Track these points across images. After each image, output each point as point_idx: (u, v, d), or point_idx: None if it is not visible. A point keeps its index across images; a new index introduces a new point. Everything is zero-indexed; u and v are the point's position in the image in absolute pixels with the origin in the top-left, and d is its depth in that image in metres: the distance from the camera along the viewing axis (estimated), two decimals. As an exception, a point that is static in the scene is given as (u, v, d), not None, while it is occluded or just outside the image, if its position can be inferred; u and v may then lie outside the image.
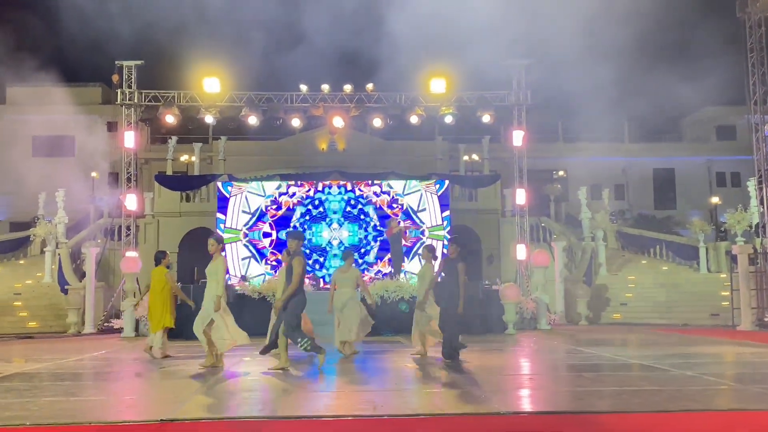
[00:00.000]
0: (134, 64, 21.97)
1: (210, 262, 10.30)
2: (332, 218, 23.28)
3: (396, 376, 9.40)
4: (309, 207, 23.27)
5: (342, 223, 23.26)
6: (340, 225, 23.24)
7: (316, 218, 23.26)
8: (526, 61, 22.66)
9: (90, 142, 36.29)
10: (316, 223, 23.23)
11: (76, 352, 13.43)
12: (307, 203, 23.30)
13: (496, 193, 27.53)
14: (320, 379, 9.18)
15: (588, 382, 8.65)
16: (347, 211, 23.36)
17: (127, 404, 7.68)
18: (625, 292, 23.81)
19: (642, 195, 38.15)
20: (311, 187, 23.50)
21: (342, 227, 23.23)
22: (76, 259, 23.69)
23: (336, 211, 23.30)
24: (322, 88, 22.29)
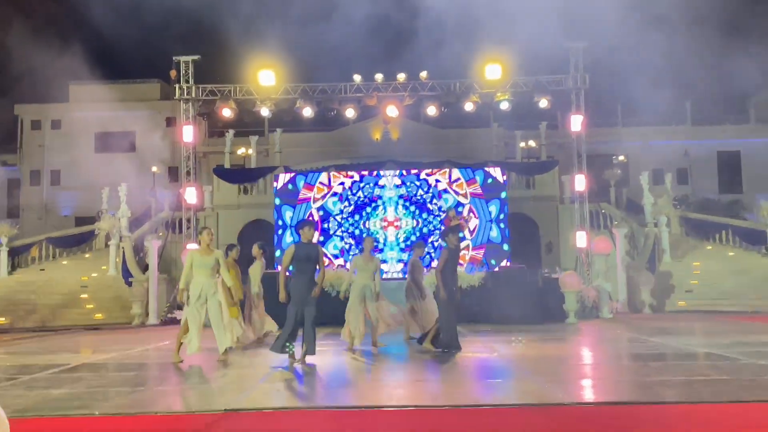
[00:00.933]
0: (191, 59, 22.27)
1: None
2: (386, 208, 23.22)
3: (454, 367, 9.31)
4: (362, 197, 23.26)
5: (395, 212, 23.19)
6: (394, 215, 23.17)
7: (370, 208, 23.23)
8: (583, 44, 22.11)
9: (150, 138, 37.23)
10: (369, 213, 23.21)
11: (141, 343, 13.74)
12: (361, 193, 23.28)
13: (554, 179, 27.06)
14: (381, 369, 9.15)
15: (654, 372, 8.40)
16: (401, 200, 23.28)
17: (191, 394, 7.80)
18: (690, 278, 23.14)
19: (706, 179, 36.98)
20: (365, 176, 23.47)
21: (396, 217, 23.16)
22: (139, 252, 24.24)
23: (390, 200, 23.24)
24: (375, 77, 22.20)
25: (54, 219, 36.90)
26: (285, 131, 32.12)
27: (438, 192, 23.32)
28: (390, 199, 23.30)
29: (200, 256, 10.03)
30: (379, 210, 23.22)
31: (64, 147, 37.56)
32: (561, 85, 22.23)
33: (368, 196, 23.31)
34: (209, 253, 10.10)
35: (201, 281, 9.92)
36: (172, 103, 29.07)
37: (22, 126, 39.00)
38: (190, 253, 10.26)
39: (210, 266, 9.99)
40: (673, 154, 35.78)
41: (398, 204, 23.25)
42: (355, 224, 23.13)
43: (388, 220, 23.15)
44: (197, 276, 9.95)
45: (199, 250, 10.17)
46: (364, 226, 23.05)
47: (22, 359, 11.10)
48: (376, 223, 23.18)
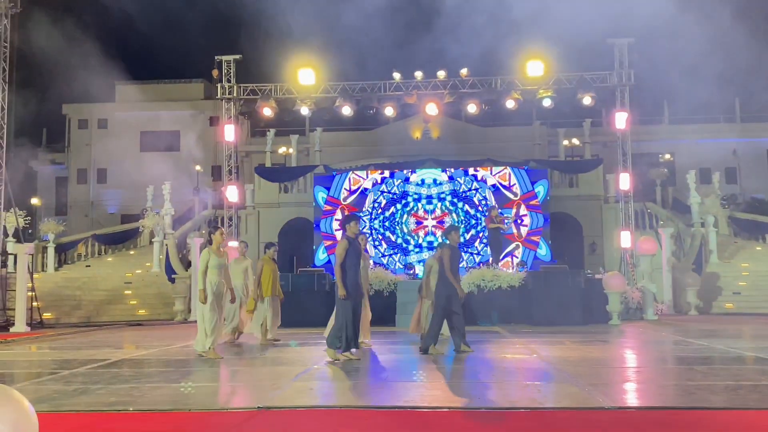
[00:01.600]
0: (233, 59, 22.45)
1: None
2: (426, 206, 23.07)
3: (493, 368, 9.15)
4: (402, 194, 23.15)
5: (437, 210, 23.02)
6: (435, 211, 23.01)
7: (409, 205, 23.11)
8: (628, 40, 21.65)
9: (194, 137, 37.76)
10: (409, 211, 23.09)
11: (182, 339, 13.85)
12: (401, 191, 23.18)
13: (598, 178, 26.60)
14: (417, 370, 9.05)
15: (700, 376, 8.12)
16: (443, 198, 23.11)
17: (227, 391, 7.80)
18: (738, 280, 22.51)
19: (755, 178, 35.97)
20: (405, 174, 23.36)
21: (439, 215, 22.99)
22: (182, 249, 24.57)
23: (431, 198, 23.09)
24: (415, 75, 22.06)
25: (100, 216, 37.68)
26: (325, 130, 32.20)
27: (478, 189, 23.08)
28: (429, 198, 23.13)
29: (215, 256, 10.22)
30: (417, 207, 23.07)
31: (110, 146, 38.30)
32: (605, 81, 21.81)
33: (407, 194, 23.17)
34: (222, 254, 10.36)
35: (216, 280, 10.17)
36: (215, 103, 29.38)
37: (70, 125, 39.88)
38: (204, 252, 10.39)
39: (224, 266, 10.33)
40: (721, 153, 34.89)
41: (438, 201, 23.08)
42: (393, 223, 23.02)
43: (428, 218, 22.99)
44: (212, 275, 10.15)
45: (212, 249, 10.29)
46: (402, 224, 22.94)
47: (64, 354, 11.27)
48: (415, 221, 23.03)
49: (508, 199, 22.93)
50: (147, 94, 38.41)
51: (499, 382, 7.96)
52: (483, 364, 9.44)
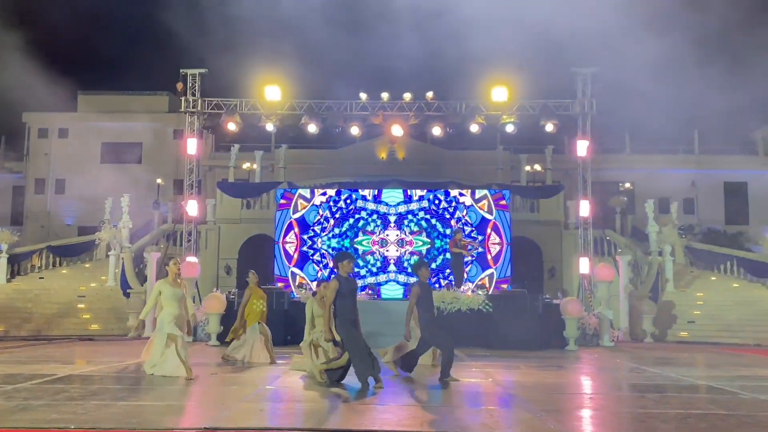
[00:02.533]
0: (198, 73, 22.27)
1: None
2: (390, 227, 23.02)
3: (448, 392, 9.09)
4: (365, 216, 23.09)
5: (400, 232, 22.99)
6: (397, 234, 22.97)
7: (372, 226, 23.05)
8: (591, 69, 22.03)
9: (156, 150, 37.30)
10: (370, 232, 23.03)
11: (134, 356, 13.54)
12: (364, 212, 23.11)
13: (558, 204, 26.88)
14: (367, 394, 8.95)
15: (652, 404, 8.18)
16: (406, 220, 23.09)
17: (174, 410, 7.61)
18: (693, 309, 22.85)
19: (712, 209, 36.71)
20: (369, 195, 23.31)
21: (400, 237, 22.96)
22: (139, 264, 24.13)
23: (394, 220, 23.06)
24: (381, 96, 22.14)
25: (57, 228, 36.84)
26: (290, 147, 32.08)
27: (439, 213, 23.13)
28: (392, 219, 23.09)
29: (170, 287, 9.92)
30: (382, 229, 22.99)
31: (70, 156, 37.62)
32: (568, 109, 22.13)
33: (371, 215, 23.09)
34: (178, 284, 10.03)
35: (172, 312, 9.86)
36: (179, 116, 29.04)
37: (29, 134, 39.04)
38: (158, 284, 10.12)
39: (180, 297, 9.94)
40: (679, 183, 35.55)
41: (400, 223, 23.04)
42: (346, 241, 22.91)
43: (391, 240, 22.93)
44: (169, 308, 9.87)
45: (168, 280, 9.99)
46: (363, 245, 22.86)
47: (9, 368, 10.91)
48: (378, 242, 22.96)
49: (487, 220, 22.93)
50: (110, 105, 37.91)
51: (453, 407, 7.91)
52: (438, 388, 9.38)
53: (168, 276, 10.06)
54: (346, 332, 9.16)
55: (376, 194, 23.25)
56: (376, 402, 8.18)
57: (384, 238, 22.84)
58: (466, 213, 23.01)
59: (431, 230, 22.92)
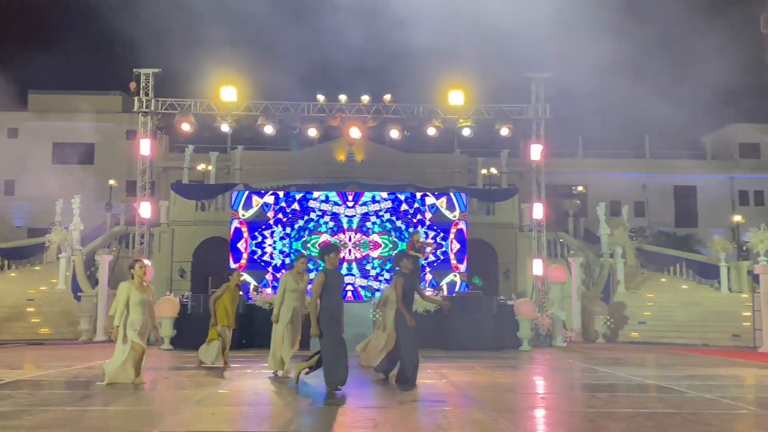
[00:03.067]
0: (152, 72, 21.98)
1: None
2: (347, 230, 23.00)
3: (402, 392, 9.14)
4: (323, 218, 23.03)
5: (358, 234, 22.99)
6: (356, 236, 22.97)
7: (330, 229, 23.00)
8: (545, 75, 22.41)
9: (109, 150, 36.65)
10: (330, 235, 22.99)
11: (85, 360, 13.33)
12: (322, 214, 23.05)
13: (513, 207, 27.19)
14: (325, 396, 8.94)
15: (602, 403, 8.34)
16: (364, 222, 23.10)
17: (125, 415, 7.49)
18: (643, 310, 23.35)
19: (662, 212, 37.59)
20: (327, 197, 23.26)
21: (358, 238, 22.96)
22: (91, 267, 23.67)
23: (352, 222, 23.05)
24: (339, 98, 22.15)
25: (6, 229, 35.88)
26: (247, 149, 31.84)
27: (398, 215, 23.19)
28: (350, 221, 23.06)
29: (138, 291, 9.46)
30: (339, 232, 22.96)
31: (19, 156, 36.72)
32: (522, 114, 22.45)
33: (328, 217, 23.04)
34: (145, 288, 9.58)
35: (140, 319, 9.40)
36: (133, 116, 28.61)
37: (-24, 133, 38.03)
38: (125, 286, 9.53)
39: (147, 302, 9.49)
40: (631, 187, 36.33)
41: (359, 225, 23.03)
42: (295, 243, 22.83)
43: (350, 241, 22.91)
44: (135, 314, 9.38)
45: (134, 284, 9.51)
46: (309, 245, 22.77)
47: (-46, 374, 10.62)
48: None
49: (450, 220, 23.03)
50: (61, 104, 37.14)
51: (407, 408, 7.95)
52: (392, 390, 9.41)
53: (134, 279, 9.57)
54: (328, 330, 8.87)
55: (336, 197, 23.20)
56: (330, 404, 8.17)
57: (340, 240, 22.80)
58: (429, 215, 23.09)
59: (393, 231, 22.95)
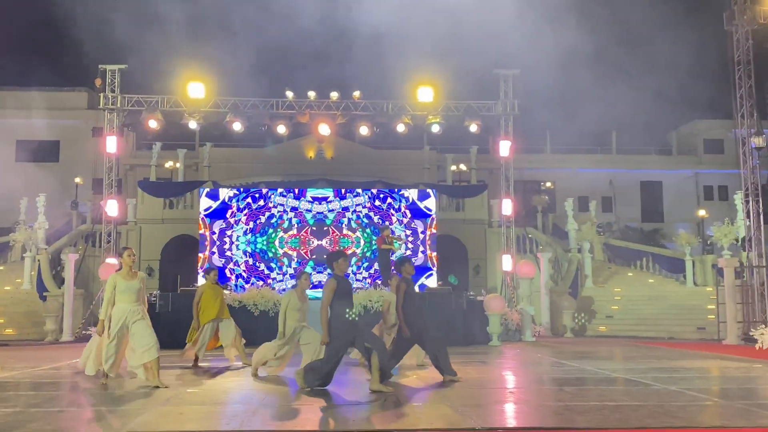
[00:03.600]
0: (118, 68, 21.73)
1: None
2: (316, 227, 22.94)
3: (364, 390, 9.14)
4: (292, 215, 22.94)
5: (329, 231, 22.95)
6: (325, 234, 22.92)
7: (299, 226, 22.92)
8: (513, 71, 22.57)
9: (74, 148, 36.08)
10: (299, 232, 22.91)
11: (50, 361, 13.13)
12: (292, 211, 22.96)
13: (483, 203, 27.38)
14: (297, 394, 8.92)
15: (569, 397, 8.43)
16: (334, 219, 23.06)
17: (91, 416, 7.39)
18: (611, 304, 23.66)
19: (629, 207, 38.10)
20: (297, 194, 23.18)
21: (328, 235, 22.92)
22: (56, 266, 23.33)
23: (322, 219, 22.99)
24: (308, 94, 22.09)
25: (-32, 229, 35.21)
26: (215, 146, 31.61)
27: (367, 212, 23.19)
28: (320, 219, 22.99)
29: (124, 280, 9.18)
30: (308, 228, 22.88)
31: (-18, 154, 35.97)
32: (491, 110, 22.58)
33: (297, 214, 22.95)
34: (133, 276, 9.28)
35: (125, 308, 9.10)
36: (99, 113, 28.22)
37: (-63, 130, 37.15)
38: (112, 277, 9.29)
39: (135, 290, 9.20)
40: (598, 183, 36.76)
41: (330, 222, 22.98)
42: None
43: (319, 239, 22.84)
44: (120, 303, 9.12)
45: (122, 273, 9.26)
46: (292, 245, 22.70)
47: None
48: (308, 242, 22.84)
49: (427, 215, 23.06)
50: (25, 101, 36.42)
51: (376, 404, 7.95)
52: (362, 386, 9.41)
53: (122, 269, 9.30)
54: (336, 338, 8.70)
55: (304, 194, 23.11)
56: (300, 403, 8.15)
57: (311, 238, 22.74)
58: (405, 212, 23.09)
59: (367, 227, 22.93)
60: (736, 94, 20.10)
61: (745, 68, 19.89)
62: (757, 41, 19.97)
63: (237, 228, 22.47)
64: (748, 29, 19.84)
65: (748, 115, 19.90)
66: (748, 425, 6.46)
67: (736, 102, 20.09)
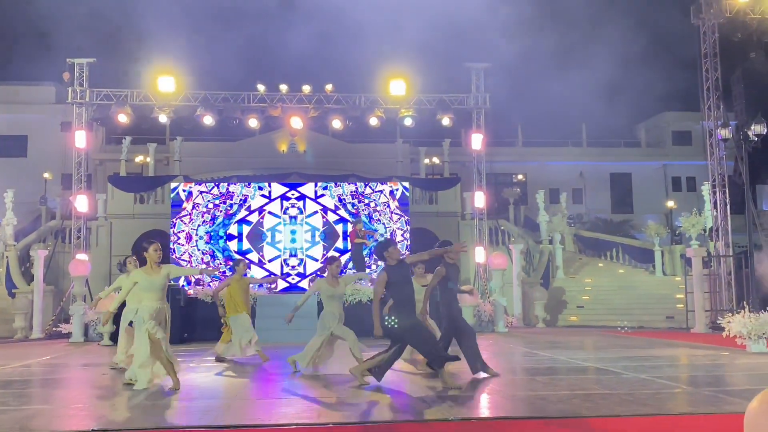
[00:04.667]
0: (86, 62, 21.43)
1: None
2: (290, 220, 22.89)
3: (343, 382, 9.18)
4: (267, 209, 22.85)
5: (302, 225, 22.91)
6: (299, 227, 22.87)
7: (273, 220, 22.85)
8: (484, 65, 22.68)
9: (42, 142, 35.53)
10: (274, 226, 22.84)
11: (20, 358, 12.97)
12: (266, 205, 22.87)
13: (456, 196, 27.49)
14: (274, 389, 8.93)
15: (541, 386, 8.54)
16: (308, 212, 23.01)
17: (62, 412, 7.33)
18: (582, 294, 23.94)
19: (599, 199, 38.51)
20: (269, 188, 23.09)
21: (302, 229, 22.88)
22: (25, 263, 22.99)
23: (297, 212, 22.93)
24: (280, 88, 21.99)
25: (-67, 225, 34.51)
26: (186, 140, 31.29)
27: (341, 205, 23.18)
28: (294, 212, 22.93)
29: (147, 276, 8.55)
30: (281, 222, 22.82)
31: (-54, 149, 35.29)
32: (463, 103, 22.68)
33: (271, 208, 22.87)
34: (156, 271, 8.61)
35: (153, 306, 8.49)
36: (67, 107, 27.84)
37: None
38: (136, 273, 8.76)
39: (159, 287, 8.54)
40: (569, 175, 37.09)
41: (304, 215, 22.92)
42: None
43: (292, 233, 22.80)
44: (147, 301, 8.52)
45: (146, 269, 8.63)
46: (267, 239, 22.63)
47: None
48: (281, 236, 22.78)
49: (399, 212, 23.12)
50: (-9, 95, 35.81)
51: (351, 398, 7.99)
52: (334, 379, 9.44)
53: (147, 264, 8.67)
54: (405, 322, 8.45)
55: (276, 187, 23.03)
56: (278, 396, 8.16)
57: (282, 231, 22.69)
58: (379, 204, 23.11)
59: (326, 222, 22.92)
60: (702, 87, 20.42)
61: (712, 61, 20.21)
62: (724, 34, 20.28)
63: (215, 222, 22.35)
64: (714, 23, 20.14)
65: (714, 108, 20.22)
66: (715, 411, 6.61)
67: (703, 94, 20.40)
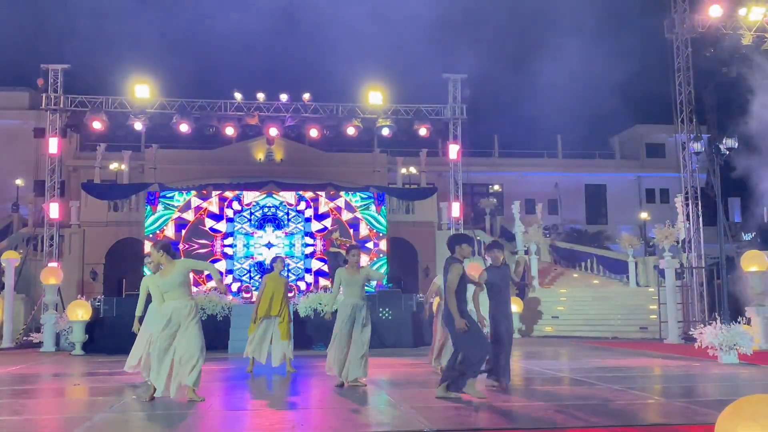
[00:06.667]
0: (61, 68, 21.23)
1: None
2: (266, 229, 22.80)
3: (320, 391, 9.14)
4: (244, 217, 22.76)
5: (277, 234, 22.83)
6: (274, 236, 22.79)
7: (250, 229, 22.75)
8: (461, 76, 22.82)
9: (15, 148, 35.01)
10: (248, 234, 22.75)
11: (-12, 368, 12.71)
12: (243, 213, 22.78)
13: (432, 206, 27.58)
14: (240, 399, 8.86)
15: (516, 397, 8.57)
16: (283, 222, 22.94)
17: (33, 424, 7.21)
18: (556, 305, 24.05)
19: (574, 210, 38.80)
20: (246, 197, 23.00)
21: (277, 238, 22.80)
22: (-4, 270, 22.61)
23: (272, 221, 22.86)
24: (257, 96, 21.94)
25: None
26: (162, 147, 31.07)
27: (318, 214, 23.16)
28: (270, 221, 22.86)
29: (162, 277, 8.05)
30: (258, 231, 22.73)
31: None
32: (440, 114, 22.80)
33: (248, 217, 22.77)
34: (170, 270, 8.02)
35: (171, 305, 7.97)
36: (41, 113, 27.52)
37: None
38: (145, 280, 8.46)
39: (177, 284, 7.99)
40: (544, 186, 37.34)
41: (278, 225, 22.84)
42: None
43: (267, 241, 22.70)
44: (168, 300, 7.99)
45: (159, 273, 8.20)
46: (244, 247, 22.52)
47: None
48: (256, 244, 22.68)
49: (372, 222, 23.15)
50: (-38, 100, 35.25)
51: (325, 408, 7.96)
52: (310, 389, 9.39)
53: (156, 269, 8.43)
54: (470, 325, 8.31)
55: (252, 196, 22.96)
56: (250, 407, 8.09)
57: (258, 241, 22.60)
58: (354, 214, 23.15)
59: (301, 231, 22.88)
60: (676, 100, 20.70)
61: (685, 75, 20.50)
62: (696, 49, 20.61)
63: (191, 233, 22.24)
64: (687, 37, 20.45)
65: (687, 121, 20.50)
66: (687, 422, 6.67)
67: (676, 108, 20.68)
